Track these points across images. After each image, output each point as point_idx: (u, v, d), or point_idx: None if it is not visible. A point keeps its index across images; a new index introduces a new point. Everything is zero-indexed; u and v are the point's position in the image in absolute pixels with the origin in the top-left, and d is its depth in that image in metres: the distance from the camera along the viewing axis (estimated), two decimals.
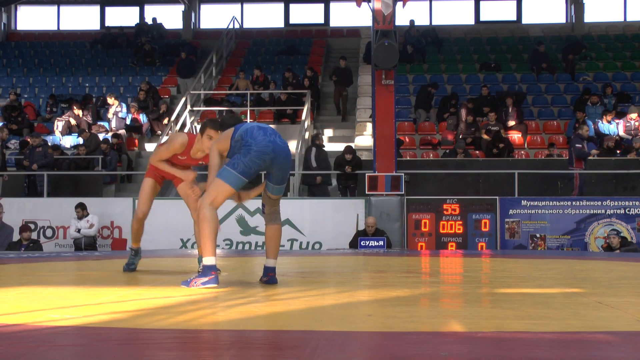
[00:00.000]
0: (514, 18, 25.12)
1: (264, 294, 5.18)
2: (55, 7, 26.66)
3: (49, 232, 14.38)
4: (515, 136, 17.51)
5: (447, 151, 16.74)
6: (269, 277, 5.74)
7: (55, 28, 26.52)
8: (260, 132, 5.43)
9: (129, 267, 6.97)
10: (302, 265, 8.43)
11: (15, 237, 13.76)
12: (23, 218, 14.17)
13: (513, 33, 23.89)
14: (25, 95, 21.43)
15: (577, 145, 14.60)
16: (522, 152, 17.22)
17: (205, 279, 5.22)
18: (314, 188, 15.22)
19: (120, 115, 18.44)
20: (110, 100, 18.72)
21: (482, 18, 25.21)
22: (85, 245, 13.86)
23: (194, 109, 18.75)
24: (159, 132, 18.10)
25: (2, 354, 2.95)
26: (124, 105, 18.74)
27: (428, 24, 23.42)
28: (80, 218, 13.91)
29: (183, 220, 13.76)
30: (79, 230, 13.90)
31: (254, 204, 13.98)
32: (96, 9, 26.62)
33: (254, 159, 5.35)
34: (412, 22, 22.25)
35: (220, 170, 5.44)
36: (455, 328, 3.70)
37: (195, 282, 5.24)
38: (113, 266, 6.63)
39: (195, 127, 17.96)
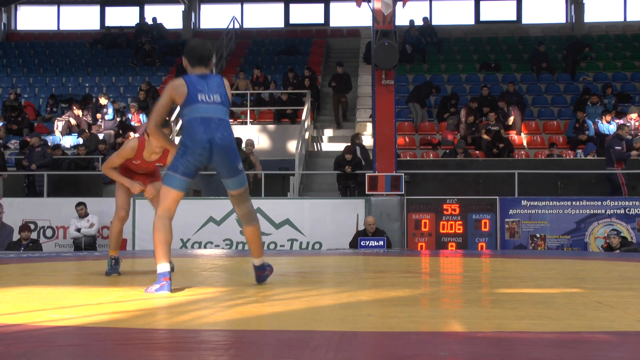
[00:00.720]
0: (514, 18, 25.13)
1: (263, 294, 5.17)
2: (55, 7, 26.67)
3: (48, 232, 14.38)
4: (516, 136, 17.52)
5: (447, 151, 16.74)
6: (257, 275, 5.74)
7: (55, 28, 26.53)
8: (200, 127, 5.18)
9: (110, 274, 6.65)
10: (302, 265, 8.43)
11: (15, 236, 13.77)
12: (23, 218, 14.16)
13: (513, 33, 23.90)
14: (25, 95, 21.44)
15: (617, 147, 14.48)
16: (522, 152, 17.22)
17: (157, 286, 5.10)
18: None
19: (106, 117, 18.35)
20: (102, 100, 18.67)
21: (482, 18, 25.22)
22: (85, 245, 13.86)
23: None
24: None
25: (2, 353, 2.95)
26: (110, 106, 18.57)
27: (426, 23, 23.40)
28: (82, 217, 13.90)
29: (183, 221, 13.79)
30: (79, 230, 13.90)
31: (254, 204, 13.97)
32: (96, 9, 26.63)
33: (189, 159, 5.21)
34: (411, 22, 22.25)
35: (164, 176, 5.40)
36: (456, 328, 3.70)
37: (149, 289, 5.15)
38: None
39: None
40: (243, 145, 15.66)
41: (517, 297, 5.11)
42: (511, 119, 17.63)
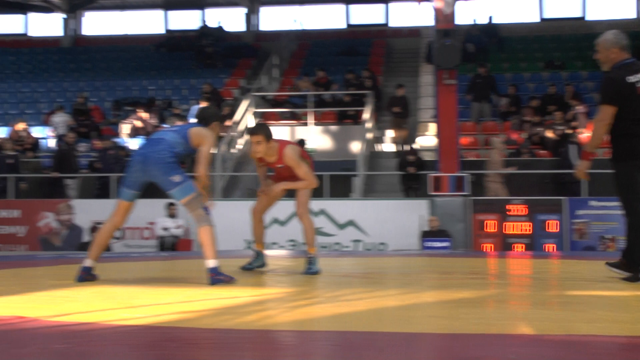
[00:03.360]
0: (579, 14, 24.60)
1: (328, 295, 5.18)
2: (120, 12, 27.22)
3: (117, 233, 14.63)
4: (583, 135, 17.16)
5: (512, 151, 16.51)
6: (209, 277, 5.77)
7: (121, 32, 27.07)
8: (141, 144, 6.12)
9: (249, 267, 7.14)
10: (366, 266, 8.42)
11: (85, 238, 14.09)
12: (92, 219, 14.48)
13: (578, 30, 23.40)
14: (93, 99, 21.91)
15: None
16: None
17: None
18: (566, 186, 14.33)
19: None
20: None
21: (546, 15, 24.79)
22: (169, 245, 13.98)
23: (256, 110, 18.90)
24: (222, 133, 18.29)
25: (73, 351, 3.02)
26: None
27: (489, 22, 23.11)
28: (171, 216, 14.08)
29: (247, 222, 13.90)
30: (166, 229, 14.06)
31: (318, 205, 14.02)
32: (160, 13, 27.08)
33: (128, 170, 6.06)
34: (474, 20, 22.02)
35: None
36: (523, 330, 3.64)
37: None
38: (180, 267, 6.73)
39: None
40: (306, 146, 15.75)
41: (587, 299, 5.01)
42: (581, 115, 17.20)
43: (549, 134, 16.72)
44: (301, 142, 15.22)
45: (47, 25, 27.30)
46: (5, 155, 16.17)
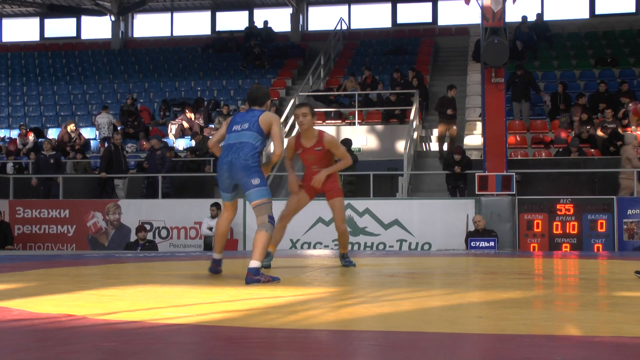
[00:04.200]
0: (633, 10, 24.11)
1: (373, 294, 5.17)
2: (168, 14, 27.52)
3: (163, 233, 14.83)
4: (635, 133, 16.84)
5: (560, 149, 16.27)
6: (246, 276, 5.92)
7: (169, 34, 27.38)
8: (224, 151, 6.29)
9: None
10: (411, 266, 8.38)
11: (132, 237, 14.28)
12: (139, 219, 14.67)
13: (631, 26, 22.96)
14: (141, 100, 22.20)
15: None
16: None
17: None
18: None
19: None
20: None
21: (597, 11, 24.36)
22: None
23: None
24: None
25: (121, 349, 3.06)
26: None
27: (539, 19, 22.81)
28: (214, 217, 14.22)
29: (292, 221, 13.93)
30: (211, 229, 14.21)
31: (363, 204, 13.99)
32: (207, 14, 27.31)
33: (217, 176, 6.37)
34: (524, 17, 21.76)
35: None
36: (571, 332, 3.58)
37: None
38: (225, 266, 6.76)
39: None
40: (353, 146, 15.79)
41: (638, 300, 4.91)
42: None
43: (599, 132, 16.44)
44: (347, 142, 15.21)
45: (97, 28, 27.75)
46: (47, 156, 16.48)
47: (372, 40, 24.67)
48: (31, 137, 19.40)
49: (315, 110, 19.05)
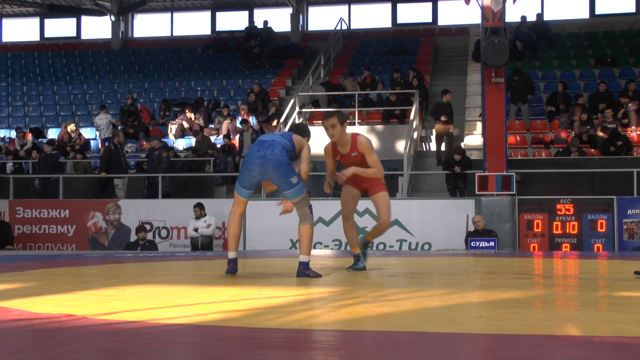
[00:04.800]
0: (633, 10, 24.11)
1: (373, 294, 5.17)
2: (168, 14, 27.52)
3: (163, 233, 14.83)
4: (635, 133, 16.85)
5: (560, 149, 16.27)
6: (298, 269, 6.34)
7: (169, 34, 27.38)
8: (254, 147, 6.35)
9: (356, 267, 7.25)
10: (411, 266, 8.38)
11: (132, 237, 14.28)
12: (139, 219, 14.67)
13: (631, 26, 22.96)
14: (141, 100, 22.20)
15: None
16: None
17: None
18: None
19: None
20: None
21: (597, 11, 24.36)
22: (202, 245, 14.19)
23: (303, 110, 18.94)
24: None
25: (121, 349, 3.06)
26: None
27: (539, 19, 22.81)
28: (198, 218, 14.25)
29: (292, 221, 13.93)
30: (196, 230, 14.24)
31: (363, 204, 13.99)
32: (207, 14, 27.31)
33: (243, 172, 6.39)
34: (523, 17, 21.76)
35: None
36: (571, 332, 3.58)
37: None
38: (225, 266, 6.77)
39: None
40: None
41: (638, 300, 4.91)
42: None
43: (599, 132, 16.45)
44: None
45: (97, 28, 27.76)
46: (46, 155, 16.47)
47: (372, 40, 24.67)
48: (29, 137, 19.40)
49: (312, 110, 19.10)
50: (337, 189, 14.62)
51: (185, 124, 19.55)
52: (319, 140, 18.09)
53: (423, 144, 18.55)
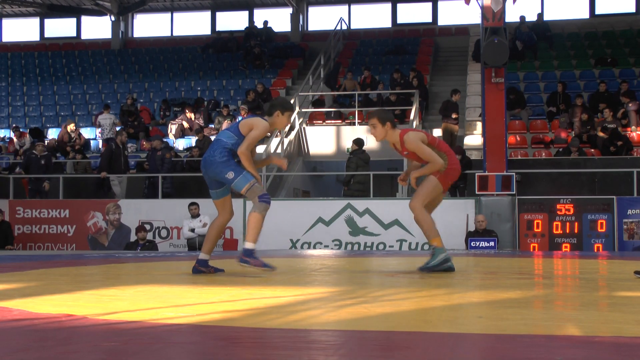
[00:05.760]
0: (633, 10, 24.11)
1: (373, 294, 5.17)
2: (168, 14, 27.53)
3: (163, 233, 14.83)
4: (635, 133, 16.85)
5: (560, 149, 16.27)
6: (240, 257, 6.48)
7: (169, 34, 27.38)
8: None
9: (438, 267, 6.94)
10: (411, 266, 8.37)
11: (132, 237, 14.27)
12: (139, 219, 14.67)
13: (631, 26, 22.97)
14: (141, 100, 22.20)
15: None
16: None
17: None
18: None
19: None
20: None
21: (597, 11, 24.36)
22: (199, 244, 14.19)
23: (303, 110, 18.93)
24: (268, 134, 18.36)
25: (121, 349, 3.06)
26: None
27: (539, 19, 22.81)
28: (194, 216, 14.24)
29: (292, 221, 13.96)
30: (192, 230, 14.25)
31: (363, 204, 14.00)
32: (207, 14, 27.31)
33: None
34: (522, 17, 21.76)
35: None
36: (571, 332, 3.58)
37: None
38: (225, 266, 6.77)
39: (304, 127, 18.10)
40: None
41: (638, 300, 4.90)
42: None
43: (599, 132, 16.45)
44: (359, 142, 15.24)
45: (97, 28, 27.77)
46: (38, 157, 16.40)
47: (372, 40, 24.67)
48: (27, 137, 19.38)
49: (313, 110, 19.09)
50: (355, 190, 14.60)
51: (185, 124, 19.55)
52: (319, 140, 18.20)
53: None
